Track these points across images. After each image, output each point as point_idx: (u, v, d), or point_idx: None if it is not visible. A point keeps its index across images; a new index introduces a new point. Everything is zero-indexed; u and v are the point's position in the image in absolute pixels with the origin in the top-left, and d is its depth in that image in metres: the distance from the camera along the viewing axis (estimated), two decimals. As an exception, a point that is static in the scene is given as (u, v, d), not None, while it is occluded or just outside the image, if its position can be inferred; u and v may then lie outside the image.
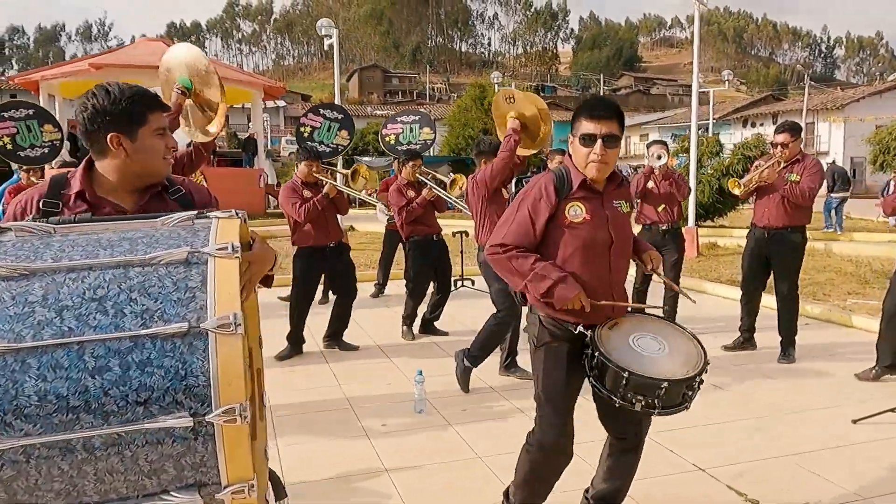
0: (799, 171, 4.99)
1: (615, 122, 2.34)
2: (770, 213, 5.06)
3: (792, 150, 5.01)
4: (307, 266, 5.37)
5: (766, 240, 5.11)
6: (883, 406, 3.89)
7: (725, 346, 5.50)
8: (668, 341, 2.38)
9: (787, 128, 5.03)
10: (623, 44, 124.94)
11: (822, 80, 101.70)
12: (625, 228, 2.48)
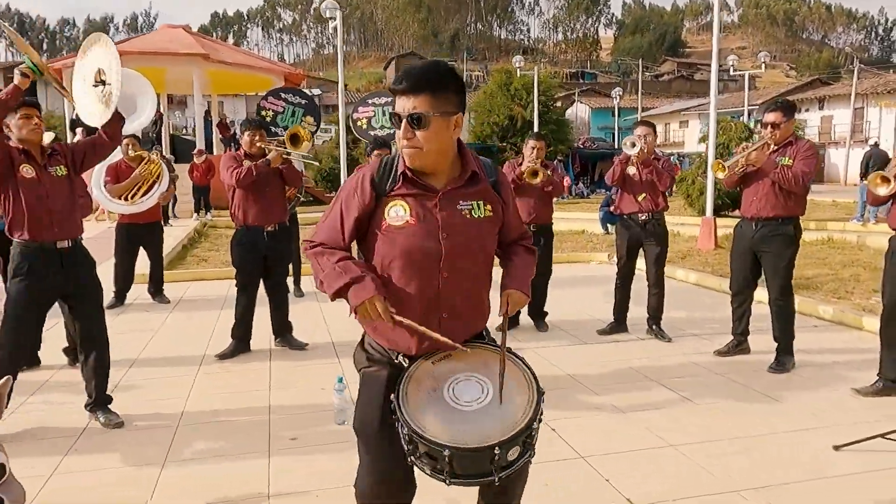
0: (791, 154, 4.39)
1: (426, 96, 1.78)
2: (759, 202, 4.48)
3: (784, 131, 4.42)
4: (243, 250, 4.92)
5: (755, 232, 4.52)
6: (879, 429, 3.33)
7: (718, 350, 4.94)
8: (501, 390, 1.81)
9: (779, 106, 4.42)
10: (667, 28, 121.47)
11: (878, 63, 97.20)
12: (469, 238, 1.90)
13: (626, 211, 5.40)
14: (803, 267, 8.87)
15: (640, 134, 5.26)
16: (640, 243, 5.39)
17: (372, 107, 8.70)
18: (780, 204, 4.41)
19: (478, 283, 1.97)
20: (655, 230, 5.31)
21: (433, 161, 1.88)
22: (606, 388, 4.20)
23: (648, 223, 5.30)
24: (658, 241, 5.32)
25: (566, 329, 5.71)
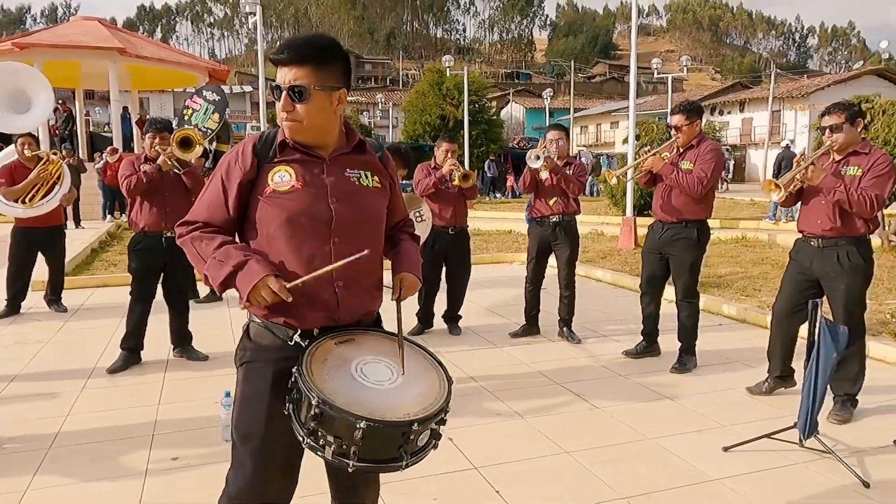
0: (692, 157, 4.43)
1: (309, 68, 1.72)
2: (665, 206, 4.52)
3: (688, 133, 4.45)
4: (140, 257, 4.65)
5: (662, 234, 4.57)
6: (769, 428, 3.38)
7: (627, 351, 4.97)
8: (407, 371, 1.77)
9: (682, 108, 4.45)
10: (599, 31, 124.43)
11: (795, 69, 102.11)
12: (360, 205, 1.86)
13: (537, 214, 5.39)
14: (717, 265, 9.15)
15: (552, 138, 5.25)
16: (550, 246, 5.39)
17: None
18: (685, 207, 4.45)
19: (372, 255, 1.85)
20: (566, 233, 5.30)
21: (314, 136, 1.81)
22: (510, 393, 4.15)
23: (559, 226, 5.30)
24: (568, 243, 5.32)
25: (479, 332, 5.66)
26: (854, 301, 3.66)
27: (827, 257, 3.68)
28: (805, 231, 3.81)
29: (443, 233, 5.45)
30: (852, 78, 36.12)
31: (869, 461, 3.19)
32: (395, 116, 45.91)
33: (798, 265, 3.86)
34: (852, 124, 3.60)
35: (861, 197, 3.49)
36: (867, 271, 3.67)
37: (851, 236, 3.63)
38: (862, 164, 3.59)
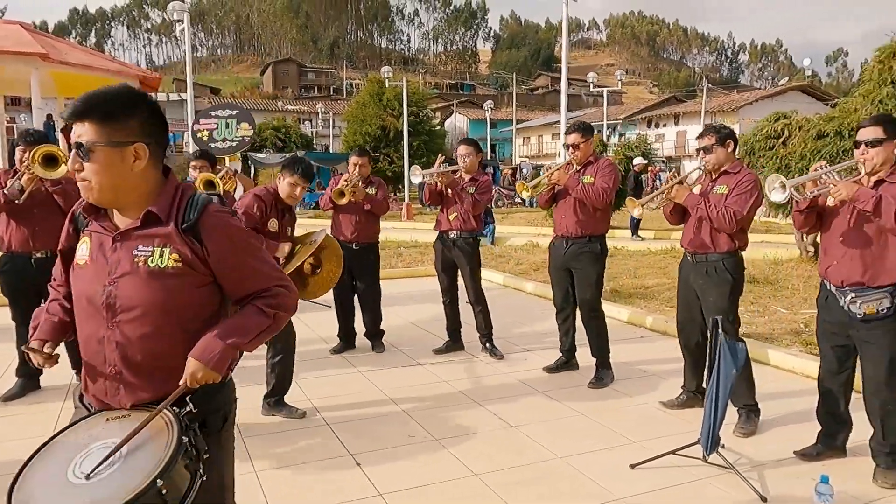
0: (592, 172, 4.53)
1: (91, 123, 1.58)
2: (568, 222, 4.57)
3: (584, 151, 4.56)
4: (7, 280, 4.37)
5: (566, 249, 4.61)
6: (680, 442, 3.41)
7: (547, 367, 4.97)
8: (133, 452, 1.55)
9: (577, 128, 4.57)
10: (542, 44, 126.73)
11: (727, 83, 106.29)
12: (138, 290, 1.65)
13: (440, 228, 5.36)
14: (645, 276, 9.34)
15: (461, 153, 5.25)
16: (452, 260, 5.37)
17: (215, 119, 8.29)
18: (587, 222, 4.53)
19: (164, 342, 1.69)
20: (464, 249, 5.27)
21: (109, 198, 1.65)
22: (425, 414, 4.09)
23: (455, 242, 5.27)
24: (468, 259, 5.29)
25: (403, 349, 5.59)
26: (724, 313, 3.74)
27: (698, 271, 3.84)
28: (684, 246, 3.97)
29: (346, 248, 5.37)
30: (779, 93, 37.80)
31: (769, 475, 3.26)
32: (339, 126, 45.60)
33: (683, 279, 4.00)
34: (722, 146, 3.78)
35: (721, 213, 3.66)
36: (734, 285, 3.79)
37: (719, 251, 3.77)
38: (729, 182, 3.74)
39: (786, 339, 5.77)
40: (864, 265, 3.08)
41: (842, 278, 3.14)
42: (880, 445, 3.18)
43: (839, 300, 3.16)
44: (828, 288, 3.25)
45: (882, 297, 3.04)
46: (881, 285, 3.05)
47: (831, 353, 3.30)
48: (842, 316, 3.16)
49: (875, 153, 3.08)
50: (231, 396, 1.88)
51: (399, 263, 10.76)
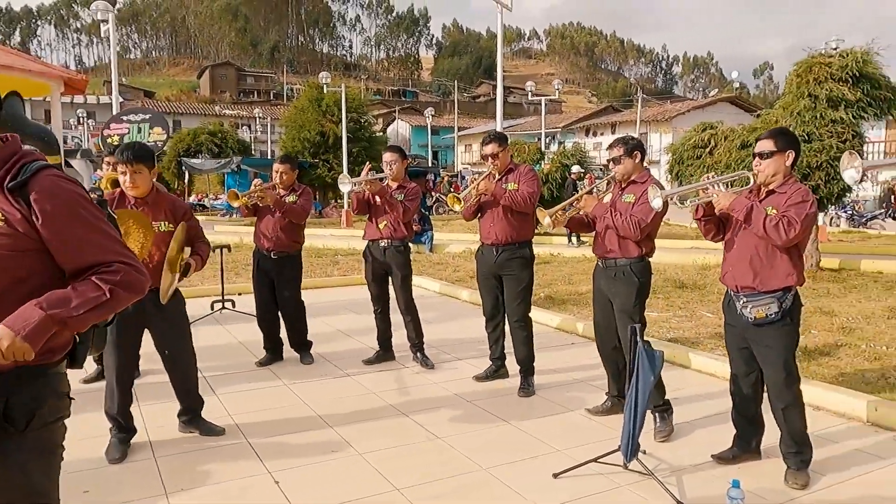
0: (514, 179, 4.57)
1: None
2: (497, 230, 4.57)
3: (503, 159, 4.59)
4: None
5: (496, 257, 4.61)
6: (604, 449, 3.43)
7: (476, 376, 4.95)
8: None
9: (493, 138, 4.60)
10: (483, 52, 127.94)
11: (662, 94, 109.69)
12: None
13: (369, 237, 5.29)
14: (579, 283, 9.46)
15: (387, 160, 5.20)
16: (382, 269, 5.30)
17: (126, 124, 8.00)
18: (515, 228, 4.55)
19: None
20: (395, 257, 5.22)
21: None
22: (350, 427, 4.00)
23: (388, 250, 5.22)
24: (399, 267, 5.24)
25: (332, 359, 5.47)
26: (630, 314, 3.83)
27: (608, 276, 3.95)
28: (595, 253, 4.06)
29: (265, 256, 5.25)
30: (709, 104, 39.23)
31: (687, 479, 3.31)
32: (278, 131, 44.88)
33: (596, 286, 4.09)
34: (630, 157, 3.90)
35: (626, 222, 3.78)
36: (640, 288, 3.89)
37: (627, 257, 3.88)
38: (636, 191, 3.84)
39: (710, 343, 5.93)
40: (754, 271, 3.21)
41: (736, 283, 3.26)
42: (787, 446, 3.28)
43: (736, 304, 3.28)
44: (729, 292, 3.38)
45: (770, 302, 3.16)
46: (770, 290, 3.17)
47: (738, 356, 3.41)
48: (739, 320, 3.29)
49: (766, 164, 3.22)
50: (48, 391, 1.67)
51: (335, 272, 10.61)
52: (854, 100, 9.34)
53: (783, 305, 3.17)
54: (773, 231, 3.07)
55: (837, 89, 9.37)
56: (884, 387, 4.66)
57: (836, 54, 9.70)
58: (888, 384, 4.71)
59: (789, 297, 3.20)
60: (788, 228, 3.05)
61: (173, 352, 3.78)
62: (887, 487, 3.22)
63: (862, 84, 9.45)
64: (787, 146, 3.22)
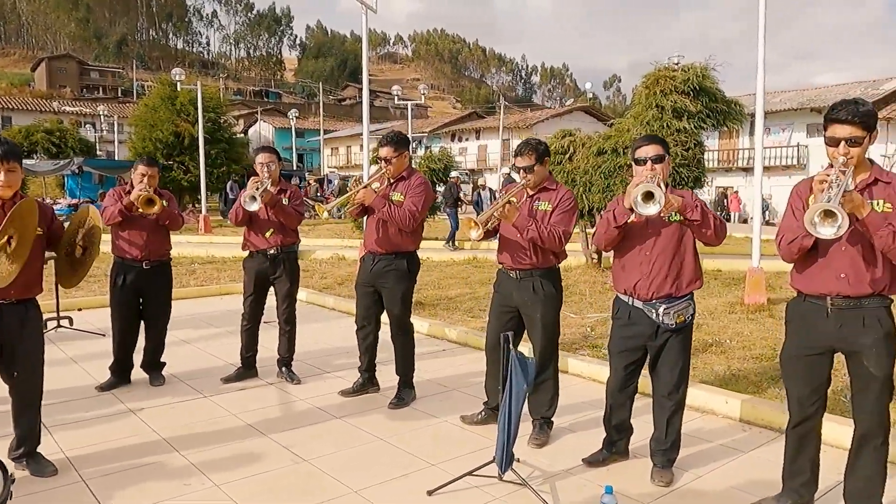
0: (403, 190, 4.36)
1: None
2: (375, 239, 4.37)
3: (397, 165, 4.35)
4: None
5: (373, 266, 4.42)
6: (479, 460, 3.33)
7: (343, 391, 4.70)
8: None
9: (390, 140, 4.32)
10: (349, 55, 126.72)
11: (522, 101, 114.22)
12: None
13: (253, 247, 4.93)
14: (448, 287, 9.47)
15: (262, 161, 4.83)
16: (269, 280, 4.96)
17: None
18: (394, 239, 4.34)
19: None
20: (286, 265, 4.91)
21: None
22: (205, 455, 3.63)
23: (277, 258, 4.89)
24: (288, 277, 4.94)
25: (186, 380, 5.01)
26: (550, 328, 3.82)
27: (524, 288, 3.79)
28: (504, 263, 3.89)
29: (134, 267, 4.74)
30: (566, 112, 41.33)
31: (560, 485, 3.30)
32: (127, 131, 41.71)
33: (500, 297, 3.94)
34: (542, 163, 3.75)
35: (551, 233, 3.64)
36: (558, 299, 3.86)
37: (544, 267, 3.78)
38: (551, 198, 3.76)
39: (575, 344, 6.09)
40: (671, 277, 3.21)
41: (652, 292, 3.22)
42: (659, 444, 3.35)
43: (649, 314, 3.23)
44: (630, 304, 3.30)
45: (687, 305, 3.22)
46: (685, 294, 3.23)
47: (623, 370, 3.40)
48: (647, 328, 3.25)
49: (661, 168, 3.21)
50: None
51: (192, 282, 9.89)
52: (696, 111, 10.10)
53: (694, 308, 3.26)
54: (721, 231, 3.13)
55: (681, 101, 10.08)
56: (730, 380, 4.97)
57: (679, 69, 10.44)
58: (734, 377, 5.03)
59: (694, 300, 3.29)
60: (723, 227, 3.17)
61: None
62: (742, 478, 3.39)
63: (702, 97, 10.23)
64: (668, 151, 3.29)
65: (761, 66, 8.11)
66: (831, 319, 2.74)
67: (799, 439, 2.93)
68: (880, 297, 2.69)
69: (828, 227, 2.42)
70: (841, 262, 2.70)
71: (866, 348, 2.68)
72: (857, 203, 2.53)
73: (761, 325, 6.83)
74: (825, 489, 3.10)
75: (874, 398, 2.71)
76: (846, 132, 2.63)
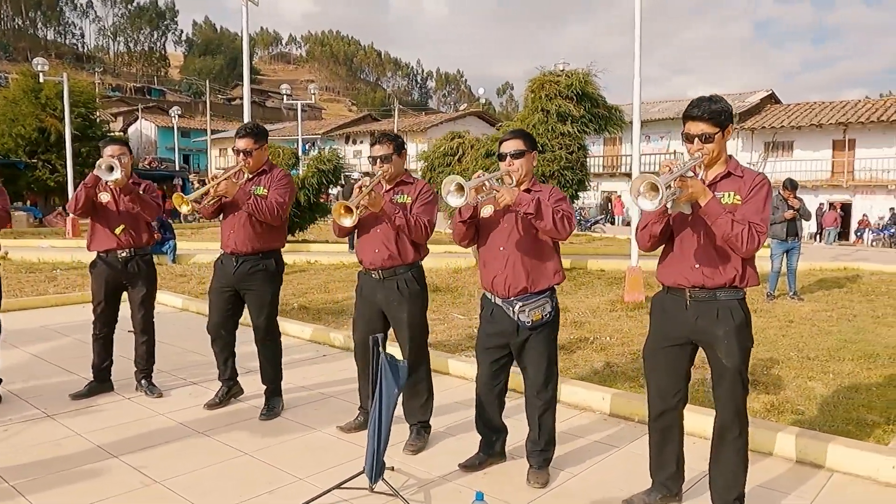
0: (266, 183, 4.09)
1: None
2: (238, 237, 4.06)
3: (258, 158, 4.09)
4: None
5: (236, 268, 4.10)
6: (352, 470, 3.13)
7: (208, 403, 4.34)
8: None
9: (249, 131, 4.04)
10: (239, 53, 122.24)
11: (418, 106, 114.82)
12: None
13: (101, 247, 4.46)
14: (335, 291, 9.19)
15: (110, 154, 4.36)
16: (121, 285, 4.52)
17: None
18: (260, 236, 4.06)
19: None
20: (139, 269, 4.50)
21: None
22: (43, 483, 3.21)
23: (132, 261, 4.47)
24: (144, 281, 4.52)
25: (29, 398, 4.47)
26: (417, 328, 3.67)
27: (389, 287, 3.63)
28: (364, 260, 3.72)
29: None
30: (459, 117, 41.85)
31: (435, 493, 3.16)
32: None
33: (363, 300, 3.77)
34: (399, 155, 3.64)
35: (417, 222, 3.53)
36: (424, 297, 3.73)
37: (407, 264, 3.64)
38: (410, 192, 3.64)
39: (461, 345, 6.01)
40: (526, 272, 3.15)
41: (509, 287, 3.15)
42: (535, 444, 3.29)
43: (507, 311, 3.17)
44: (492, 301, 3.25)
45: (544, 303, 3.15)
46: (541, 291, 3.15)
47: (488, 367, 3.32)
48: (508, 326, 3.18)
49: (519, 164, 3.20)
50: None
51: (51, 289, 9.04)
52: (578, 115, 10.40)
53: (553, 304, 3.18)
54: (560, 225, 3.04)
55: (565, 105, 10.35)
56: (609, 376, 5.05)
57: (563, 74, 10.71)
58: (613, 374, 5.12)
59: (555, 296, 3.22)
60: (569, 222, 3.09)
61: None
62: (617, 474, 3.39)
63: (584, 102, 10.56)
64: (532, 146, 3.24)
65: (637, 76, 8.44)
66: (690, 311, 2.77)
67: (661, 432, 2.95)
68: (733, 289, 2.73)
69: (648, 200, 2.45)
70: (697, 255, 2.73)
71: (719, 339, 2.71)
72: (697, 189, 2.57)
73: (639, 322, 7.04)
74: (693, 479, 3.14)
75: (728, 389, 2.75)
76: (699, 129, 2.69)
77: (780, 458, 3.57)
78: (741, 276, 2.71)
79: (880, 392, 4.70)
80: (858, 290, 9.70)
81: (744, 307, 2.76)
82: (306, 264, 12.10)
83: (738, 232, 2.56)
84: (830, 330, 6.88)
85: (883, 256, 14.93)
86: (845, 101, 30.67)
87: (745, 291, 2.78)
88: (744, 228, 2.56)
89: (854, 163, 27.52)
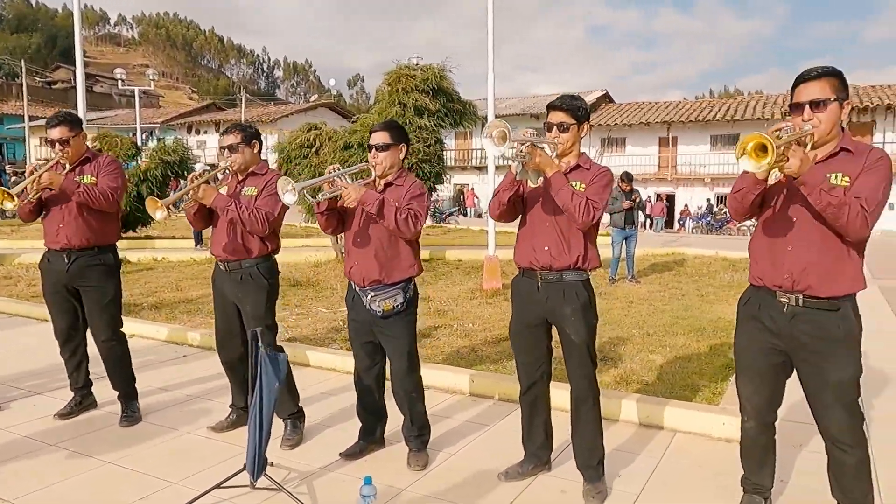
0: (92, 171, 3.80)
1: None
2: (69, 231, 3.76)
3: (76, 147, 3.79)
4: None
5: (70, 264, 3.78)
6: (228, 470, 3.04)
7: (60, 412, 3.99)
8: None
9: (63, 119, 3.74)
10: (59, 31, 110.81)
11: (265, 95, 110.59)
12: None
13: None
14: (188, 289, 8.74)
15: None
16: None
17: None
18: (95, 230, 3.79)
19: None
20: None
21: None
22: None
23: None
24: None
25: None
26: (262, 320, 3.58)
27: (233, 279, 3.59)
28: (215, 254, 3.66)
29: None
30: (310, 108, 40.97)
31: (318, 484, 3.17)
32: None
33: (218, 290, 3.71)
34: (248, 145, 3.59)
35: (252, 215, 3.44)
36: (271, 290, 3.64)
37: (252, 257, 3.57)
38: (258, 183, 3.56)
39: (328, 338, 5.99)
40: (380, 264, 3.22)
41: (363, 277, 3.23)
42: (409, 430, 3.39)
43: (363, 299, 3.24)
44: (353, 288, 3.32)
45: (396, 294, 3.22)
46: (394, 282, 3.23)
47: (362, 351, 3.39)
48: (366, 314, 3.25)
49: (384, 157, 3.25)
50: None
51: None
52: (435, 109, 10.61)
53: (407, 296, 3.25)
54: (403, 225, 3.10)
55: (422, 99, 10.52)
56: (474, 360, 5.29)
57: (419, 68, 10.88)
58: (478, 357, 5.36)
59: (411, 288, 3.30)
60: (415, 222, 3.14)
61: None
62: (491, 450, 3.59)
63: (440, 97, 10.79)
64: (400, 139, 3.31)
65: (491, 72, 8.80)
66: (541, 293, 2.99)
67: (529, 406, 3.19)
68: (578, 271, 2.97)
69: (494, 145, 2.60)
70: (545, 236, 2.97)
71: (567, 317, 2.96)
72: (544, 161, 2.79)
73: (499, 308, 7.40)
74: (559, 448, 3.41)
75: (577, 364, 3.01)
76: (558, 118, 2.94)
77: (630, 423, 3.96)
78: (584, 258, 2.96)
79: (708, 360, 5.33)
80: (685, 273, 10.84)
81: (588, 287, 3.01)
82: (153, 261, 11.37)
83: (577, 203, 2.79)
84: (665, 308, 7.65)
85: (702, 242, 16.72)
86: (669, 101, 33.93)
87: (588, 273, 3.04)
88: (581, 201, 2.80)
89: (677, 158, 30.49)
